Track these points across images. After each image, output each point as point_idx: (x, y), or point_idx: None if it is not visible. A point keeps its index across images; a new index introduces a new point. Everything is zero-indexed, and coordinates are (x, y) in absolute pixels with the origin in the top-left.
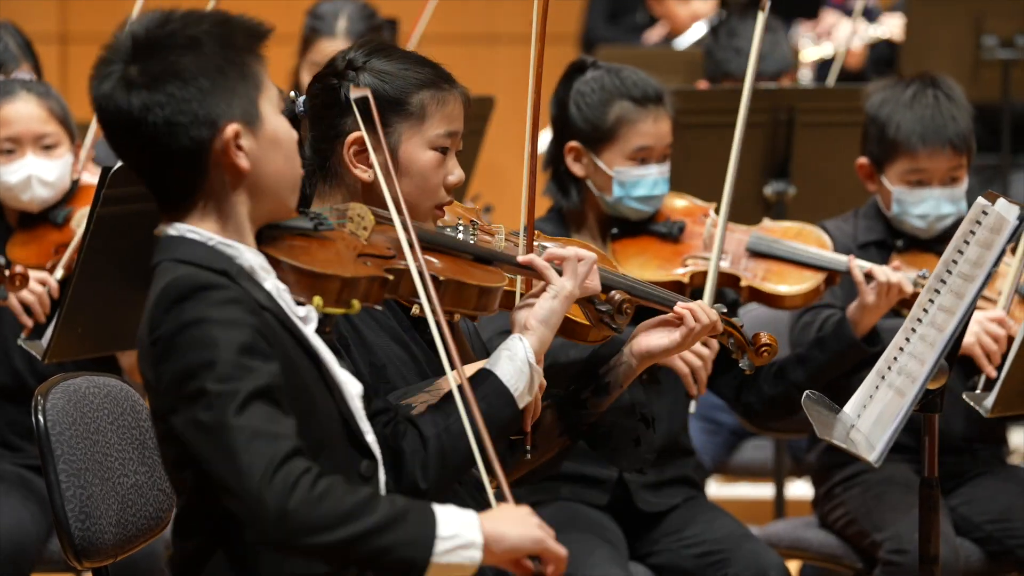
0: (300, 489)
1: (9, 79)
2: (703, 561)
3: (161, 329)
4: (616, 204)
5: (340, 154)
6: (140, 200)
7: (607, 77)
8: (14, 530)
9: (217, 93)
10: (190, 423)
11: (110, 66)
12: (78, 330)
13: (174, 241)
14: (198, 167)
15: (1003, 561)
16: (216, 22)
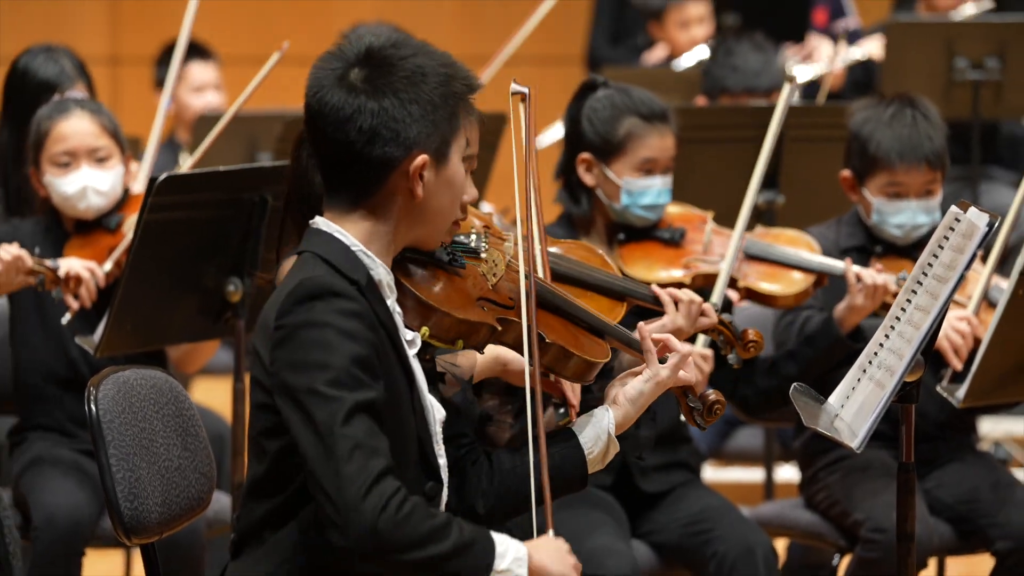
0: (389, 509)
1: (65, 98)
2: (697, 539)
3: (288, 318)
4: (623, 212)
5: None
6: (183, 208)
7: (618, 95)
8: (70, 510)
9: (423, 123)
10: (299, 417)
11: (336, 63)
12: (127, 327)
13: (322, 236)
14: (378, 179)
15: (972, 539)
16: (443, 63)
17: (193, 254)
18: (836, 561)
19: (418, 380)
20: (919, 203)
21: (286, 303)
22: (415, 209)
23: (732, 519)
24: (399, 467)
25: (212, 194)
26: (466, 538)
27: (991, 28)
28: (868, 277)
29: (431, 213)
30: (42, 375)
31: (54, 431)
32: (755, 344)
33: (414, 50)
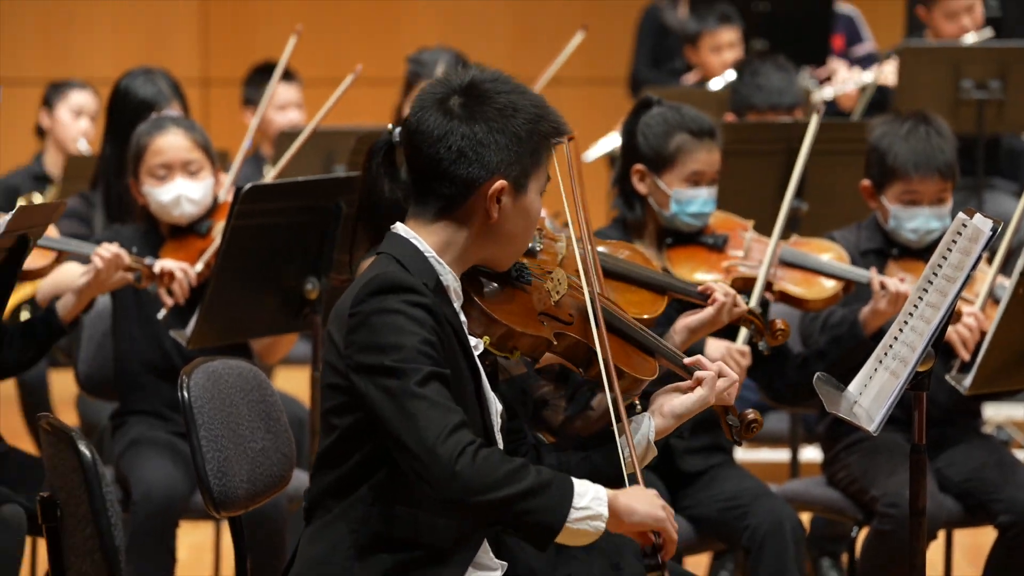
0: (466, 455)
1: (162, 116)
2: (731, 514)
3: (362, 307)
4: (672, 218)
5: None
6: (266, 215)
7: (670, 113)
8: (165, 486)
9: (506, 152)
10: (376, 390)
11: (441, 88)
12: (216, 322)
13: (399, 240)
14: (460, 196)
15: (977, 513)
16: (536, 104)
17: (275, 256)
18: (855, 533)
19: (482, 378)
20: (932, 210)
21: (361, 293)
22: (490, 230)
23: (762, 496)
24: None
25: (292, 202)
26: (544, 479)
27: (993, 52)
28: (892, 286)
29: (504, 236)
30: (140, 365)
31: (151, 415)
32: (783, 332)
33: (511, 88)
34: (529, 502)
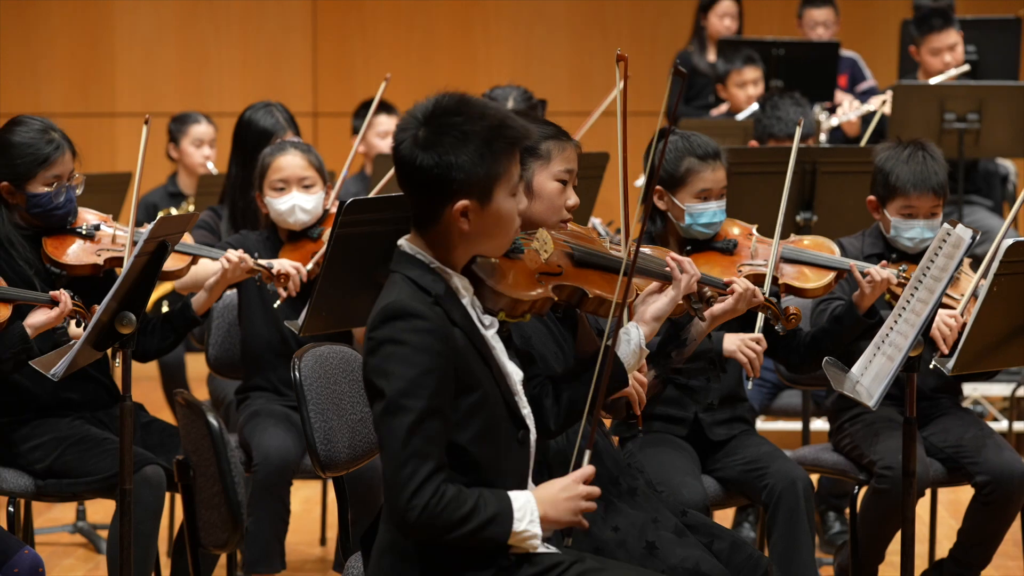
0: (429, 508)
1: (284, 140)
2: (753, 475)
3: (375, 332)
4: (688, 229)
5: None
6: (366, 224)
7: (680, 141)
8: (281, 450)
9: (464, 173)
10: (380, 417)
11: (411, 119)
12: (323, 314)
13: (405, 256)
14: (436, 213)
15: (957, 474)
16: (490, 125)
17: (373, 258)
18: (856, 491)
19: (497, 355)
20: (926, 222)
21: (375, 320)
22: (468, 236)
23: (779, 459)
24: (493, 430)
25: (387, 213)
26: (489, 513)
27: (972, 90)
28: (874, 272)
29: (484, 238)
30: (261, 348)
31: (268, 391)
32: (795, 316)
33: (466, 116)
34: (482, 533)
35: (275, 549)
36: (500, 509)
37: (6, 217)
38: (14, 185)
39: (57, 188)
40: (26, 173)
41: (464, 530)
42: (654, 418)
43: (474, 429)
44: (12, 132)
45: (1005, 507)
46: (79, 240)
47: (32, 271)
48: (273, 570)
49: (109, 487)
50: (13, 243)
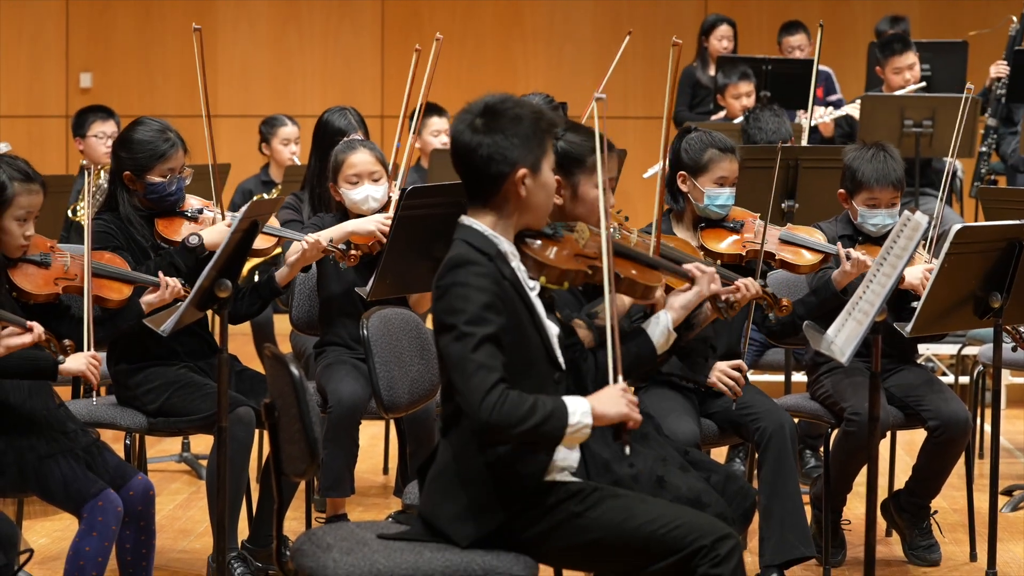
0: (496, 408)
1: (354, 138)
2: (746, 418)
3: (441, 281)
4: (704, 209)
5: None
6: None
7: (704, 135)
8: (351, 395)
9: (520, 149)
10: (446, 344)
11: (467, 114)
12: (387, 282)
13: (464, 227)
14: (495, 187)
15: (913, 419)
16: (534, 111)
17: (429, 236)
18: (829, 432)
19: (539, 312)
20: (887, 211)
21: (442, 270)
22: (522, 203)
23: (769, 406)
24: (534, 367)
25: (440, 199)
26: (547, 410)
27: (926, 100)
28: (855, 256)
29: (534, 205)
30: (335, 310)
31: (341, 346)
32: (787, 307)
33: (514, 104)
34: (538, 430)
35: (346, 477)
36: (556, 406)
37: (127, 200)
38: (135, 174)
39: (170, 179)
40: (145, 165)
41: (527, 425)
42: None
43: (517, 366)
44: (135, 131)
45: (952, 447)
46: (186, 221)
47: (148, 245)
48: (344, 494)
49: (208, 424)
50: (132, 221)
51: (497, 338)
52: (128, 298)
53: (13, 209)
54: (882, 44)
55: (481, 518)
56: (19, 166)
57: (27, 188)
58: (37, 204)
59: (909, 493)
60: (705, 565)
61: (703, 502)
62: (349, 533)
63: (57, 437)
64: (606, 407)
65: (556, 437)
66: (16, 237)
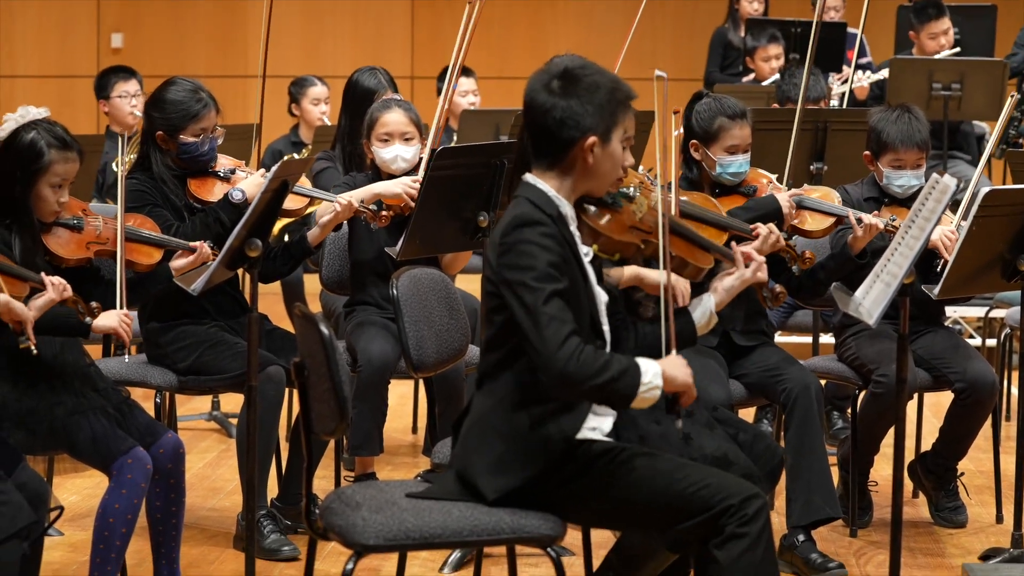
0: (572, 357)
1: (390, 97)
2: (773, 380)
3: (507, 237)
4: (718, 176)
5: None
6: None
7: (713, 102)
8: (381, 354)
9: (593, 117)
10: (517, 301)
11: (545, 75)
12: (416, 242)
13: (528, 185)
14: (564, 151)
15: (940, 381)
16: (612, 79)
17: (458, 196)
18: (856, 394)
19: (591, 278)
20: (912, 172)
21: (507, 227)
22: (588, 170)
23: (795, 367)
24: (582, 332)
25: (471, 159)
26: (623, 366)
27: (955, 63)
28: (866, 220)
29: (598, 174)
30: (366, 270)
31: (371, 305)
32: (810, 260)
33: (594, 71)
34: (612, 386)
35: (375, 436)
36: (630, 364)
37: (160, 160)
38: (167, 134)
39: (203, 139)
40: (178, 125)
41: (602, 379)
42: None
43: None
44: (168, 90)
45: (979, 409)
46: (218, 181)
47: (181, 204)
48: (373, 453)
49: (239, 383)
50: (165, 181)
51: (565, 294)
52: (158, 262)
53: (49, 176)
54: (916, 9)
55: (511, 472)
56: (57, 132)
57: (64, 156)
58: (73, 172)
59: (936, 455)
60: (733, 524)
61: (729, 460)
62: (378, 492)
63: (88, 395)
64: (675, 372)
65: (629, 396)
66: (50, 203)
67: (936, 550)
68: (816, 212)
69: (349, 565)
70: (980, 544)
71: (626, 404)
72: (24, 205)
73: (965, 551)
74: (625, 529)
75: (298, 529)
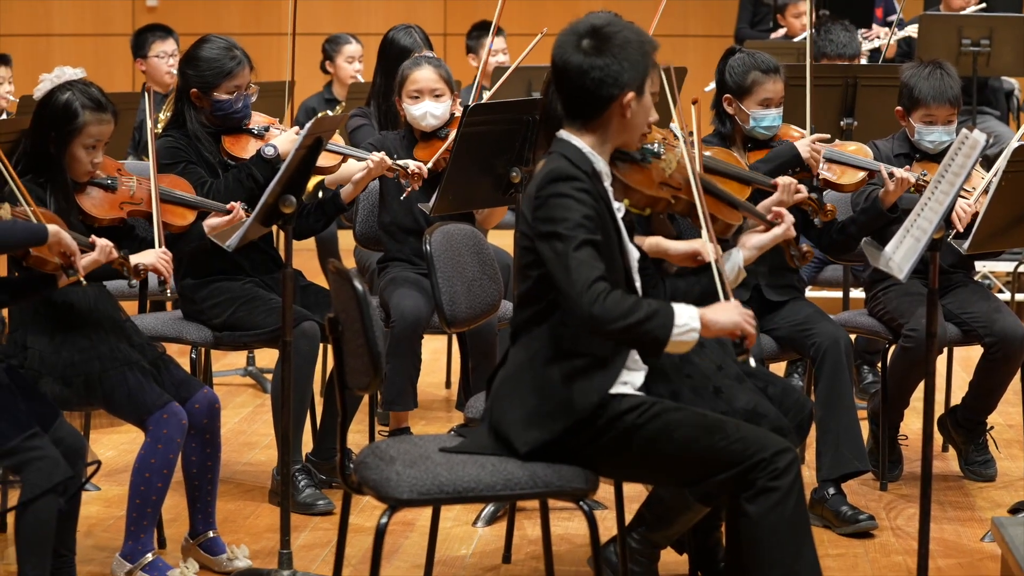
0: (599, 299)
1: (421, 55)
2: (803, 333)
3: (543, 191)
4: (751, 131)
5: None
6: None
7: (747, 57)
8: (414, 309)
9: (629, 72)
10: (549, 248)
11: (573, 35)
12: (449, 197)
13: (563, 142)
14: (602, 108)
15: (969, 335)
16: (639, 34)
17: (490, 152)
18: (887, 348)
19: (623, 233)
20: (944, 128)
21: (542, 182)
22: (624, 125)
23: (824, 321)
24: (613, 285)
25: (503, 115)
26: (653, 308)
27: (984, 19)
28: (898, 173)
29: (633, 127)
30: (398, 226)
31: (404, 261)
32: (831, 212)
33: (622, 27)
34: (643, 327)
35: (408, 391)
36: (661, 306)
37: (194, 118)
38: (201, 91)
39: (237, 96)
40: (212, 82)
41: (631, 320)
42: None
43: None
44: (202, 48)
45: (1008, 363)
46: (252, 139)
47: (215, 161)
48: (407, 408)
49: (273, 339)
50: (200, 138)
51: (597, 245)
52: (192, 223)
53: (83, 137)
54: None
55: (543, 425)
56: (92, 94)
57: (98, 117)
58: (107, 133)
59: (965, 409)
60: (764, 478)
61: (759, 412)
62: (412, 446)
63: (123, 350)
64: (717, 315)
65: (662, 337)
66: (84, 164)
67: (966, 503)
68: (848, 166)
69: (383, 519)
70: (1010, 497)
71: (659, 347)
72: (58, 165)
73: (995, 504)
74: (656, 483)
75: (333, 484)
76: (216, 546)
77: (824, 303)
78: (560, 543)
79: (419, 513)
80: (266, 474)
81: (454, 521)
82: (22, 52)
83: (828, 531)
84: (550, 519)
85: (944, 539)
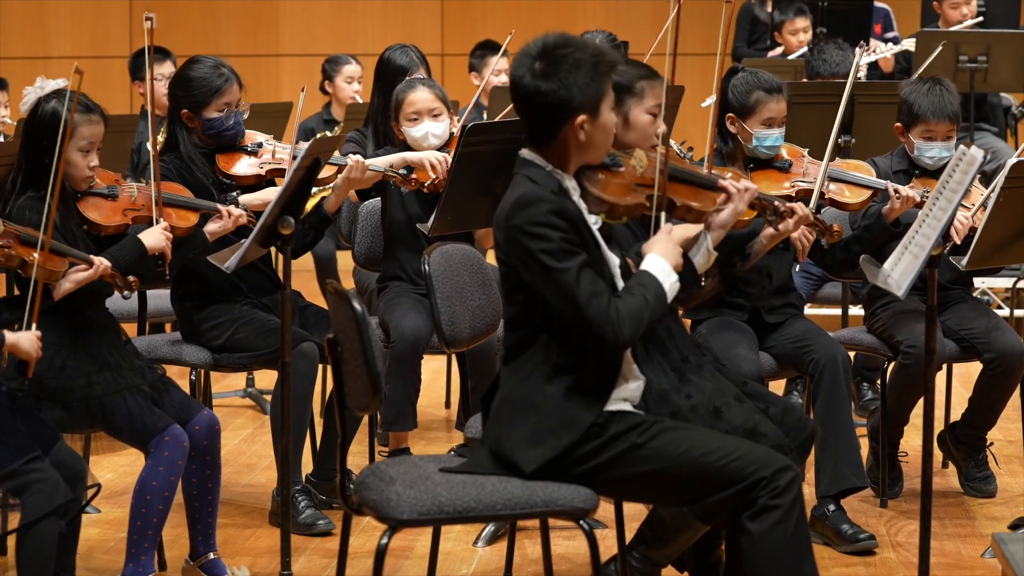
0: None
1: (414, 77)
2: (801, 351)
3: (513, 221)
4: (753, 150)
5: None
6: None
7: (750, 76)
8: (414, 330)
9: (579, 94)
10: (547, 284)
11: (527, 57)
12: (448, 218)
13: (526, 162)
14: (556, 130)
15: (968, 352)
16: (593, 52)
17: (488, 171)
18: (886, 365)
19: (601, 243)
20: (943, 144)
21: (510, 211)
22: (582, 145)
23: (823, 338)
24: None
25: (500, 135)
26: (651, 294)
27: (981, 36)
28: (903, 191)
29: (592, 147)
30: (399, 245)
31: (404, 281)
32: (838, 232)
33: (574, 48)
34: (655, 314)
35: (408, 411)
36: (649, 283)
37: (187, 139)
38: (192, 112)
39: (227, 113)
40: (202, 101)
41: (647, 321)
42: (719, 305)
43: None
44: (191, 69)
45: (1007, 380)
46: (245, 156)
47: (209, 182)
48: (406, 428)
49: (272, 360)
50: (193, 159)
51: (587, 263)
52: (195, 226)
53: (75, 140)
54: None
55: (547, 443)
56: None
57: (87, 118)
58: (98, 134)
59: (965, 425)
60: (765, 496)
61: (760, 432)
62: (412, 467)
63: (124, 373)
64: (663, 250)
65: (666, 304)
66: (81, 168)
67: (966, 520)
68: (854, 185)
69: (384, 540)
70: (1010, 513)
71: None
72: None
73: (995, 520)
74: (657, 501)
75: (333, 504)
76: (217, 568)
77: (823, 320)
78: (560, 562)
79: (419, 534)
80: (266, 495)
81: (455, 541)
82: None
83: (829, 548)
84: (551, 538)
85: (944, 555)
